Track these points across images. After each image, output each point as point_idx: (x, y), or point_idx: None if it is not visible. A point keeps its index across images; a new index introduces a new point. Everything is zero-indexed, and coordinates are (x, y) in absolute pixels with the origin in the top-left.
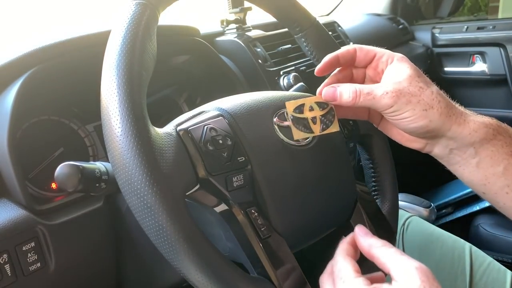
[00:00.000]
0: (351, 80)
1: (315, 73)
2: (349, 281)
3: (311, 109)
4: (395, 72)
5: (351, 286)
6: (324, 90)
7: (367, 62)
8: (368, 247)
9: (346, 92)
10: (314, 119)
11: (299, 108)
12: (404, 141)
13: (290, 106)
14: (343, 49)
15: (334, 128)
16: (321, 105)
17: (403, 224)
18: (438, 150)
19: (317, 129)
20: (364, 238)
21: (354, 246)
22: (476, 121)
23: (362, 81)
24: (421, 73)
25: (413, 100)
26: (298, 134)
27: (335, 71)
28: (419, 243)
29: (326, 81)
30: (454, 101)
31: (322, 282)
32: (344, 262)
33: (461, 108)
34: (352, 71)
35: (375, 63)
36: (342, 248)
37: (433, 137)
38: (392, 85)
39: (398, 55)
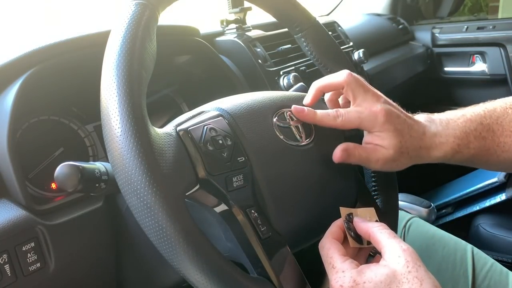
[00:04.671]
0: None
1: (304, 103)
2: (338, 266)
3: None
4: (381, 140)
5: (341, 270)
6: (339, 153)
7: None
8: (366, 227)
9: (353, 156)
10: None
11: (350, 216)
12: None
13: (343, 212)
14: (334, 79)
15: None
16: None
17: (404, 226)
18: None
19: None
20: (363, 221)
21: (342, 228)
22: (443, 149)
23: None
24: (402, 136)
25: (394, 164)
26: (353, 242)
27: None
28: (421, 245)
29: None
30: (453, 102)
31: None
32: (331, 249)
33: (431, 131)
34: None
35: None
36: (330, 231)
37: None
38: (381, 153)
39: (381, 123)
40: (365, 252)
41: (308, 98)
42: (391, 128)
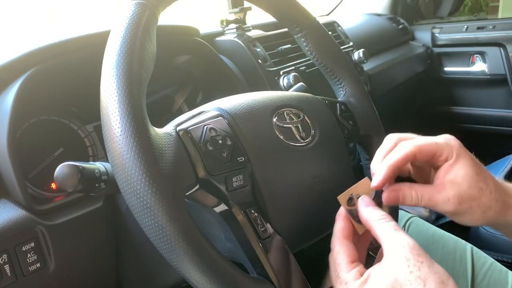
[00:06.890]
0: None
1: (372, 186)
2: (342, 277)
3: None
4: (454, 172)
5: (344, 282)
6: (386, 196)
7: (425, 161)
8: (366, 219)
9: (408, 197)
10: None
11: (351, 200)
12: None
13: (342, 200)
14: (401, 153)
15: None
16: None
17: (404, 225)
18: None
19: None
20: (365, 209)
21: (348, 218)
22: None
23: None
24: (480, 169)
25: (474, 204)
26: (361, 228)
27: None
28: (421, 244)
29: (383, 176)
30: (453, 102)
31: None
32: (340, 253)
33: None
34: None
35: (433, 160)
36: (339, 228)
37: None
38: (452, 190)
39: (457, 149)
40: (367, 238)
41: (379, 177)
42: (467, 156)
